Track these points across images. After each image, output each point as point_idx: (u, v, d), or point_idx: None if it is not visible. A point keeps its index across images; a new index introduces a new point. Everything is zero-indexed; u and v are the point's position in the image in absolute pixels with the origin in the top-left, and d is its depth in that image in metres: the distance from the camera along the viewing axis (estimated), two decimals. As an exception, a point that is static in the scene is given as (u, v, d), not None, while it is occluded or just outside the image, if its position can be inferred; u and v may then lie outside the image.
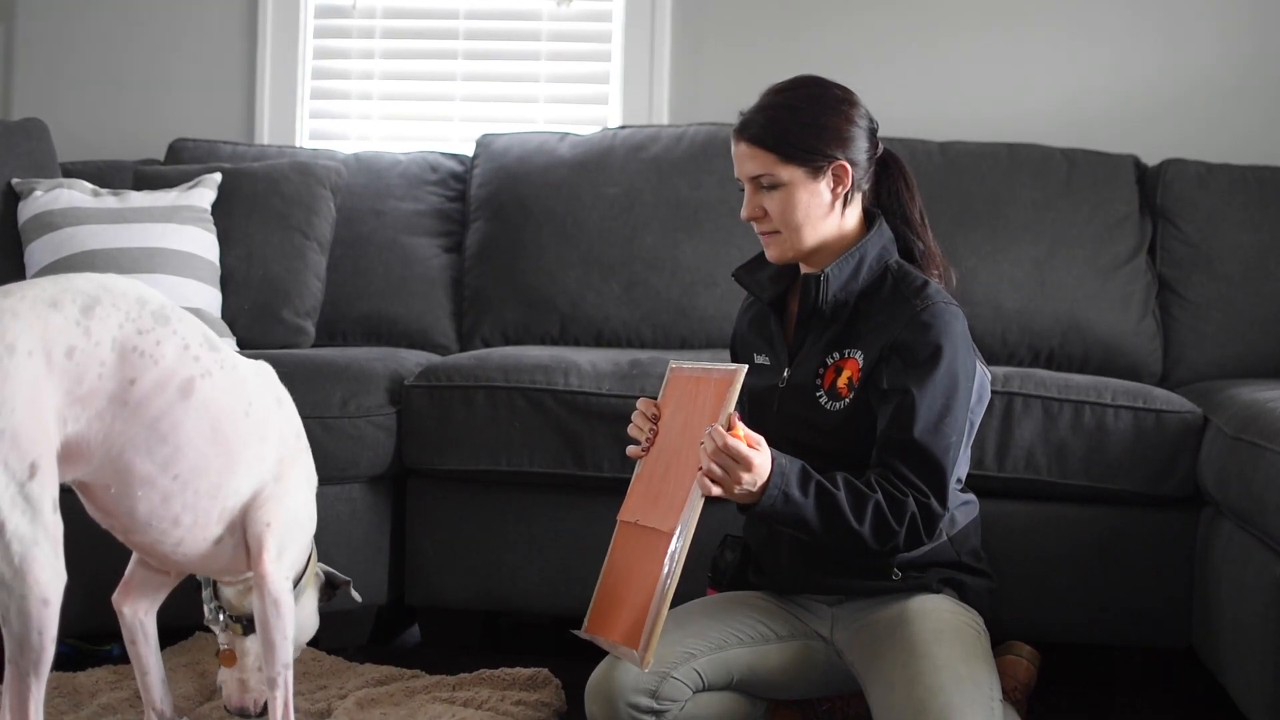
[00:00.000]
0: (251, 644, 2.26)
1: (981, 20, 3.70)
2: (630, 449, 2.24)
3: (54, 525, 1.83)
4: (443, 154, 3.63)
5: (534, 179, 3.47)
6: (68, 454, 1.90)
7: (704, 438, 2.02)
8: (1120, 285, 3.26)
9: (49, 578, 1.82)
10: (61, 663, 2.61)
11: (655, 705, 2.14)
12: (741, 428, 2.03)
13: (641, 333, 3.35)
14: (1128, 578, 2.71)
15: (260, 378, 2.14)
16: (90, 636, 2.75)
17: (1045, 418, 2.70)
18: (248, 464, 2.06)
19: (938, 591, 2.23)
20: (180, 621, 2.70)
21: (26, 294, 1.85)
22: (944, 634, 2.13)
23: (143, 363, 1.91)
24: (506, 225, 3.45)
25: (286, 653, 2.10)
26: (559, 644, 2.97)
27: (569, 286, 3.38)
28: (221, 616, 2.27)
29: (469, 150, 3.64)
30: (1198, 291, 3.27)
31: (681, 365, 2.24)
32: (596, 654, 2.22)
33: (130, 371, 1.90)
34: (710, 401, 2.08)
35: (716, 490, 2.02)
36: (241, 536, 2.09)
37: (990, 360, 3.16)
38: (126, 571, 2.22)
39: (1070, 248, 3.28)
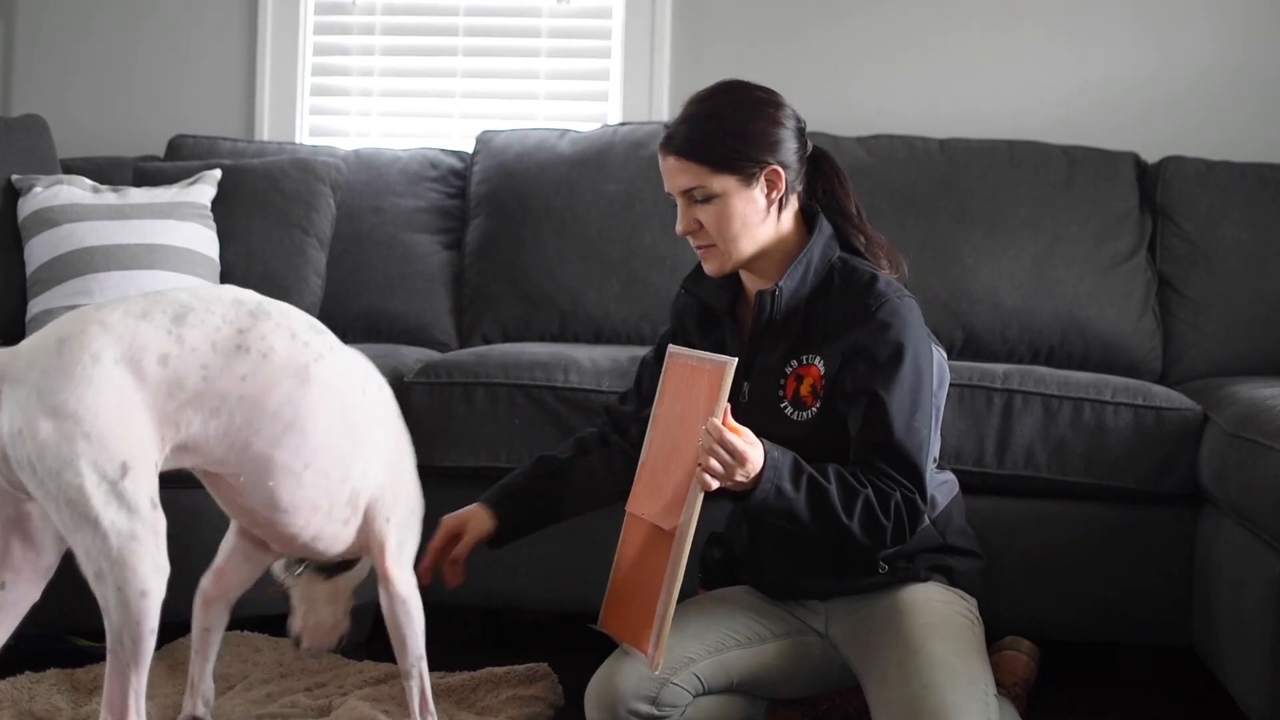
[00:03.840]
0: (326, 588, 2.29)
1: (981, 18, 3.69)
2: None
3: (154, 519, 1.86)
4: (443, 150, 3.63)
5: (534, 176, 3.47)
6: (189, 450, 1.94)
7: (700, 433, 2.01)
8: (1120, 282, 3.26)
9: (148, 570, 1.84)
10: (60, 660, 2.63)
11: (656, 711, 2.14)
12: (732, 420, 2.03)
13: (641, 330, 3.35)
14: (1127, 575, 2.71)
15: (364, 362, 2.15)
16: (90, 634, 2.75)
17: (1045, 415, 2.70)
18: (373, 447, 2.08)
19: (926, 580, 2.23)
20: (176, 619, 2.70)
21: (119, 307, 1.91)
22: (938, 628, 2.13)
23: (250, 358, 1.94)
24: (506, 222, 3.45)
25: (419, 646, 2.15)
26: (558, 640, 2.97)
27: (569, 283, 3.37)
28: (300, 568, 2.28)
29: (469, 147, 3.63)
30: (1197, 289, 3.27)
31: (679, 351, 2.21)
32: (596, 651, 2.22)
33: (240, 368, 1.93)
34: (704, 393, 2.07)
35: (715, 485, 2.02)
36: (363, 521, 2.12)
37: (990, 358, 3.17)
38: (220, 560, 2.23)
39: (1070, 245, 3.28)
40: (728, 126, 2.16)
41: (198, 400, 1.91)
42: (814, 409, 2.16)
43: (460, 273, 3.48)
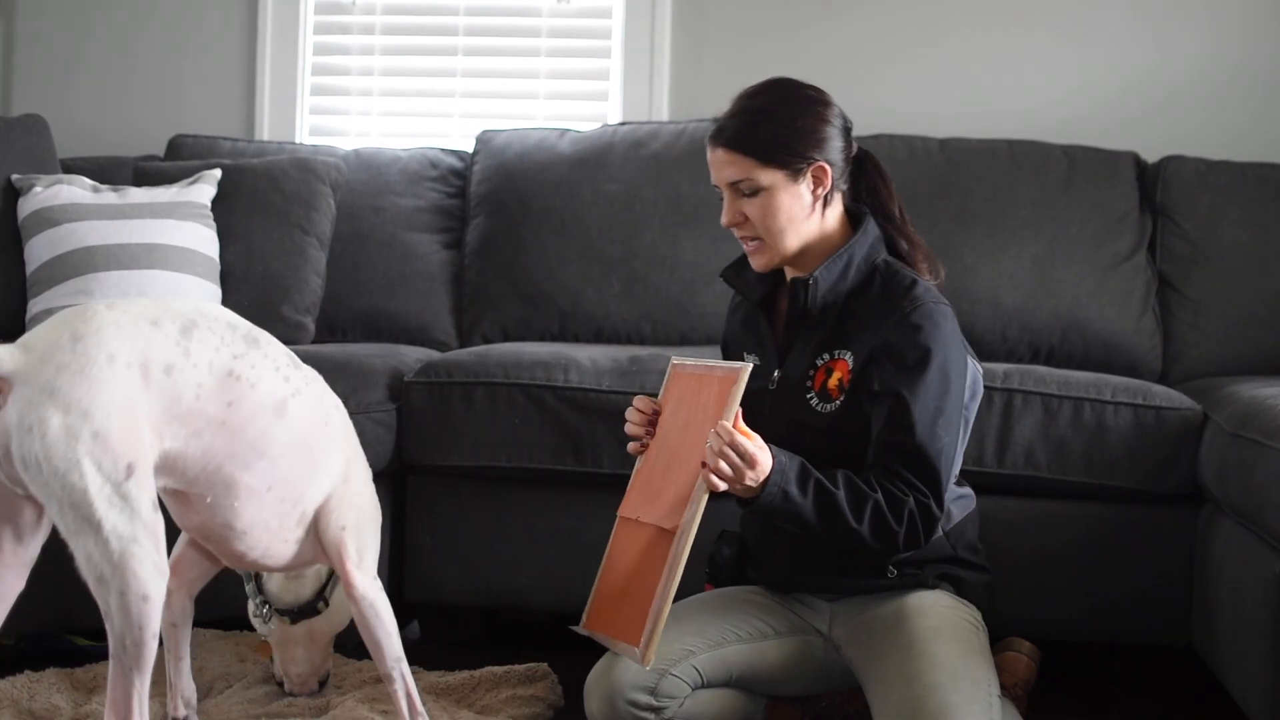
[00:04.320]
0: (300, 630, 2.35)
1: (981, 18, 3.69)
2: (631, 445, 2.24)
3: (154, 523, 1.87)
4: (443, 150, 3.63)
5: (534, 175, 3.47)
6: (166, 466, 1.95)
7: (710, 435, 2.02)
8: (1120, 282, 3.26)
9: (149, 573, 1.85)
10: (60, 659, 2.63)
11: (654, 702, 2.14)
12: (742, 424, 2.03)
13: (641, 329, 3.35)
14: (1127, 575, 2.71)
15: (327, 390, 2.18)
16: (90, 633, 2.75)
17: (1045, 414, 2.70)
18: (325, 470, 2.11)
19: (934, 587, 2.23)
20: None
21: (129, 309, 1.92)
22: (942, 631, 2.13)
23: (240, 386, 1.97)
24: (506, 221, 3.45)
25: (395, 648, 2.15)
26: (558, 640, 2.97)
27: (569, 283, 3.37)
28: (266, 609, 2.34)
29: (469, 146, 3.63)
30: (1197, 288, 3.27)
31: (684, 362, 2.23)
32: (596, 650, 2.22)
33: (229, 394, 1.96)
34: (714, 398, 2.08)
35: (723, 487, 2.03)
36: (314, 536, 2.13)
37: (989, 357, 3.17)
38: (175, 553, 2.24)
39: (1070, 245, 3.28)
40: (777, 121, 2.19)
41: (187, 417, 1.93)
42: (839, 401, 2.18)
43: (460, 272, 3.48)
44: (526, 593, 2.86)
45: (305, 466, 2.07)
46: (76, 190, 3.09)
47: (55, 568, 1.99)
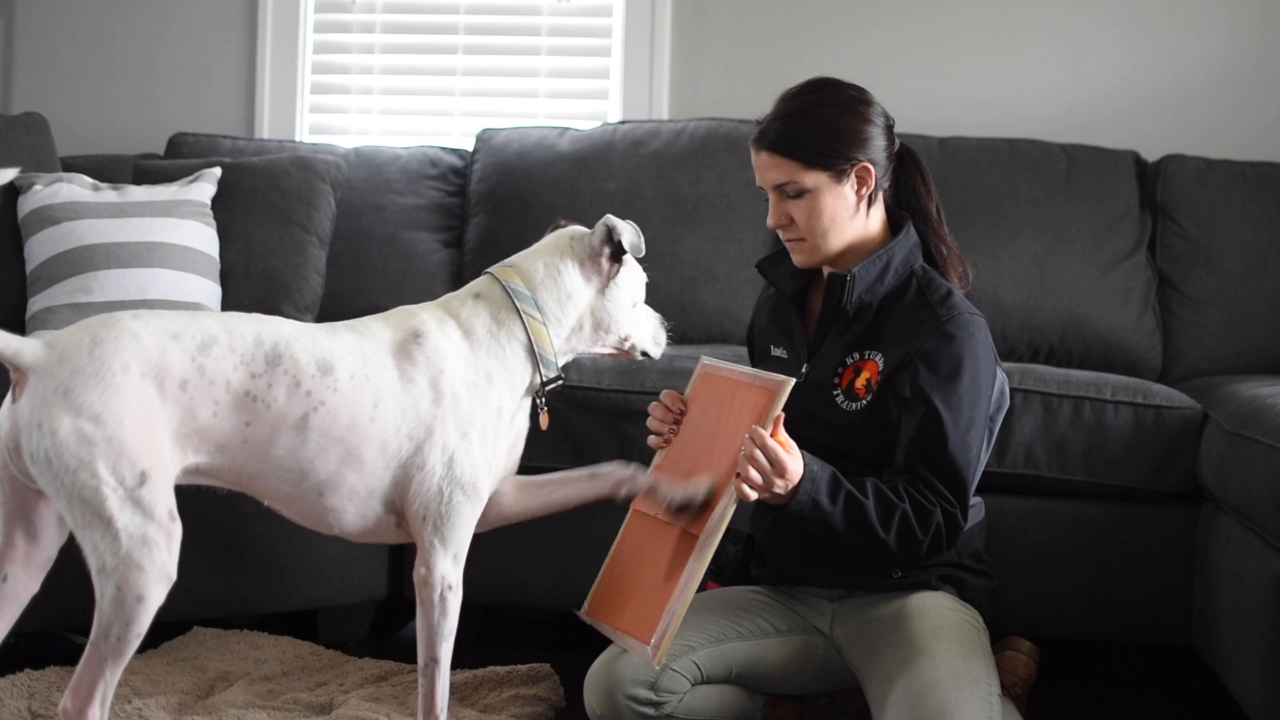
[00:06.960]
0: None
1: (982, 17, 3.69)
2: (652, 439, 2.24)
3: (170, 527, 1.88)
4: (443, 149, 3.63)
5: (534, 174, 3.47)
6: (202, 473, 1.98)
7: (744, 441, 2.02)
8: (1120, 281, 3.26)
9: (153, 576, 1.86)
10: (60, 658, 2.62)
11: (654, 697, 2.15)
12: (782, 433, 2.03)
13: (641, 328, 3.35)
14: (1127, 574, 2.71)
15: (400, 353, 2.09)
16: (90, 632, 2.75)
17: (1045, 413, 2.70)
18: (386, 460, 2.07)
19: (936, 589, 2.23)
20: (179, 618, 2.70)
21: (153, 321, 1.93)
22: (942, 630, 2.14)
23: (256, 407, 1.97)
24: (506, 220, 3.45)
25: (435, 649, 2.12)
26: (558, 639, 2.97)
27: (569, 282, 3.37)
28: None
29: (469, 145, 3.63)
30: (1197, 287, 3.27)
31: (716, 364, 2.22)
32: (596, 648, 2.22)
33: (245, 415, 1.96)
34: (750, 407, 2.08)
35: (754, 497, 2.03)
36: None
37: (990, 356, 3.17)
38: None
39: (1070, 243, 3.28)
40: (819, 123, 2.19)
41: (205, 433, 1.94)
42: (864, 401, 2.18)
43: (460, 271, 3.48)
44: (526, 591, 2.86)
45: (351, 466, 2.04)
46: (76, 188, 3.08)
47: (55, 567, 1.99)
